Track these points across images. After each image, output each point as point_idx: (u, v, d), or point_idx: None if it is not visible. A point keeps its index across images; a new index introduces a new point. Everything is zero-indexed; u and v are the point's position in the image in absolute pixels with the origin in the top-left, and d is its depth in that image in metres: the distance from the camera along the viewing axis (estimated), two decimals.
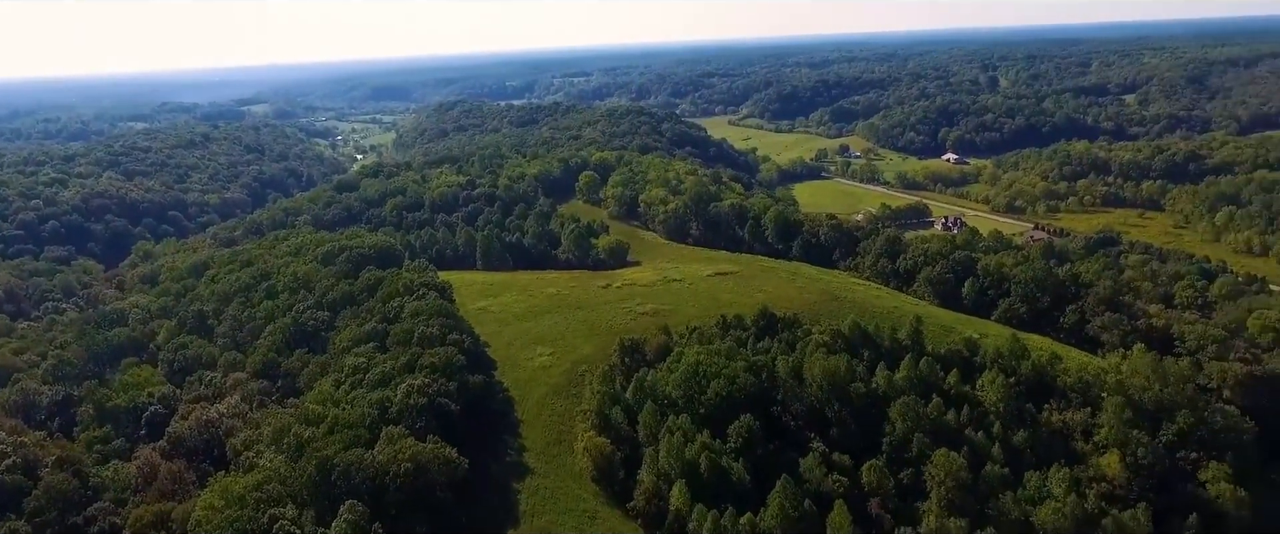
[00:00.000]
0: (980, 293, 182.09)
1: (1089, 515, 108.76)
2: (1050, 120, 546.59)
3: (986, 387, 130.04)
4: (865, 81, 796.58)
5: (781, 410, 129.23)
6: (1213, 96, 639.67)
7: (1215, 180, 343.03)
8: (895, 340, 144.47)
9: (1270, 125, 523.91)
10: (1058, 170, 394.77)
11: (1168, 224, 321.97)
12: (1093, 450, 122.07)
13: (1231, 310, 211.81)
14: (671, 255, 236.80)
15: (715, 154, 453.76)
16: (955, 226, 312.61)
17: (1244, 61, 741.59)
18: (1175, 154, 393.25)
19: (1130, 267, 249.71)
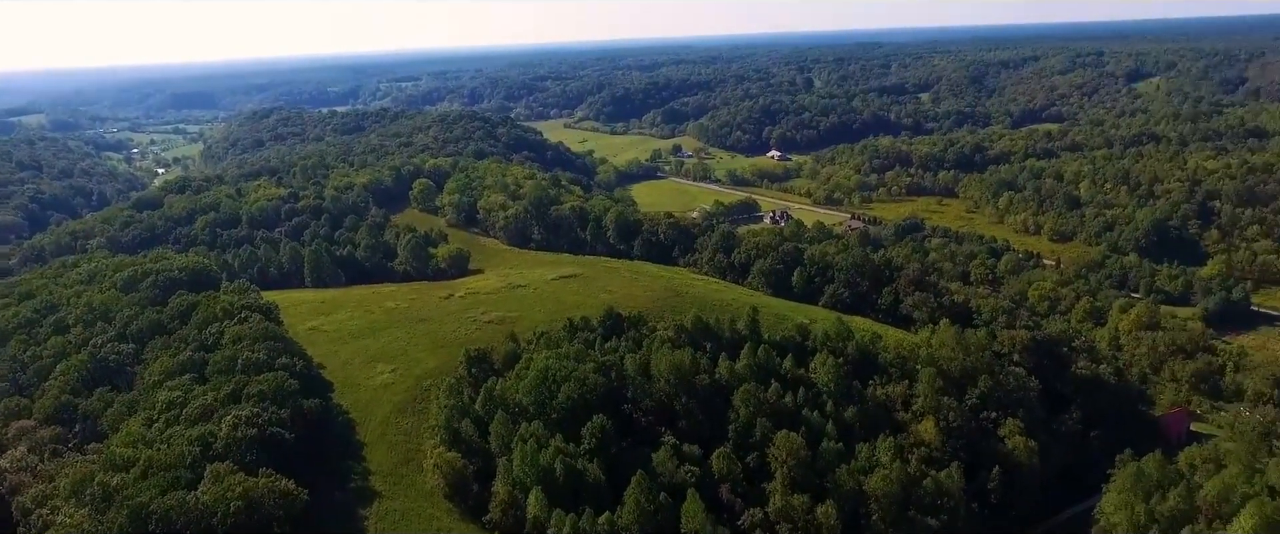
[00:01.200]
0: (808, 281, 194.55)
1: (912, 478, 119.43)
2: (859, 117, 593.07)
3: (819, 368, 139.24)
4: (693, 83, 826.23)
5: (632, 408, 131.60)
6: (990, 94, 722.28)
7: (996, 169, 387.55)
8: (734, 331, 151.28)
9: (1036, 119, 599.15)
10: (868, 164, 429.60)
11: (961, 209, 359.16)
12: (912, 418, 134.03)
13: (1015, 283, 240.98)
14: (514, 261, 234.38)
15: (553, 157, 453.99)
16: (782, 220, 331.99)
17: (1013, 64, 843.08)
18: (963, 147, 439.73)
19: (933, 249, 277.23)
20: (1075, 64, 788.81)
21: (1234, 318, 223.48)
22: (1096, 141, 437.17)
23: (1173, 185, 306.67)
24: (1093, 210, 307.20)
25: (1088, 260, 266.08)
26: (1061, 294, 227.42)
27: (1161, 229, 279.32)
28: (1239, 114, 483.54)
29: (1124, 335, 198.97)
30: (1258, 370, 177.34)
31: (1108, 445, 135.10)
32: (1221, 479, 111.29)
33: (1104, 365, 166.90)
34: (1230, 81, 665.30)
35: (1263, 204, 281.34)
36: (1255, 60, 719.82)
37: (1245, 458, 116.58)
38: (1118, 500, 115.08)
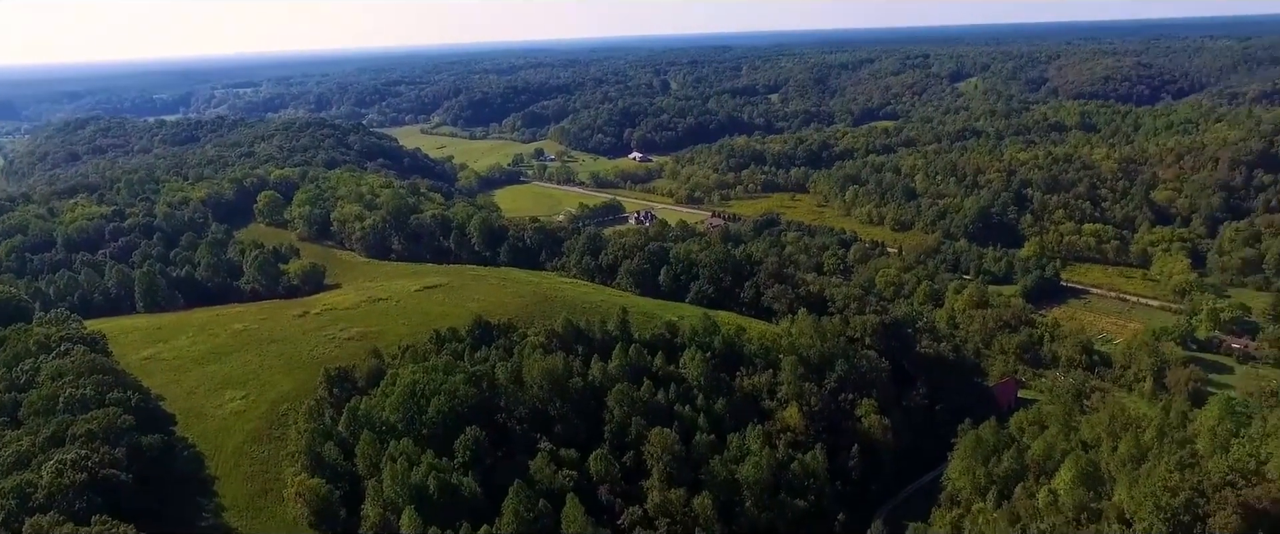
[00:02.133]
0: (675, 279, 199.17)
1: (780, 463, 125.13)
2: (715, 118, 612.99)
3: (688, 364, 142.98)
4: (553, 87, 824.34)
5: (506, 417, 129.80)
6: (833, 94, 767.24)
7: (842, 165, 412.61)
8: (605, 332, 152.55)
9: (874, 117, 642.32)
10: (725, 163, 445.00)
11: (813, 204, 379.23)
12: (777, 406, 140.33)
13: (864, 271, 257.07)
14: (374, 273, 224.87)
15: (411, 164, 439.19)
16: (647, 220, 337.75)
17: (851, 66, 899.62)
18: (811, 144, 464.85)
19: (789, 243, 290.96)
20: (906, 66, 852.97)
21: (1048, 293, 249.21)
22: (927, 137, 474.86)
23: (993, 176, 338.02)
24: (927, 201, 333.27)
25: (925, 247, 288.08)
26: (904, 279, 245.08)
27: (985, 216, 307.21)
28: (1042, 110, 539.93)
29: (959, 314, 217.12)
30: (1068, 339, 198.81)
31: (950, 417, 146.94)
32: (1044, 439, 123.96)
33: (944, 343, 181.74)
34: (1034, 81, 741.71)
35: (1065, 190, 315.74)
36: (1053, 62, 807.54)
37: (1062, 418, 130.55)
38: (961, 466, 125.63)
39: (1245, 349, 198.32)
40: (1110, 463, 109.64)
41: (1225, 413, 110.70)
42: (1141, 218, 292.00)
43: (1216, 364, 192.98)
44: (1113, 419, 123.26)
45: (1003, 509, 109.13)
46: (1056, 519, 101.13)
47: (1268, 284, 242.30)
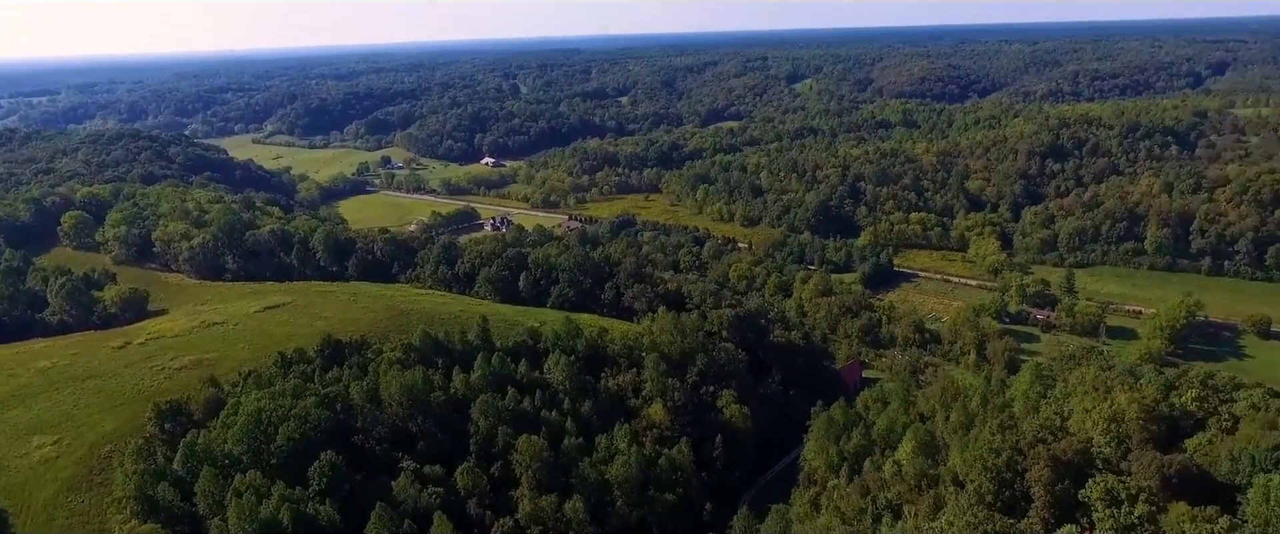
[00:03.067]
0: (535, 284, 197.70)
1: (648, 460, 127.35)
2: (567, 122, 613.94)
3: (552, 368, 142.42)
4: (397, 92, 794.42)
5: (364, 438, 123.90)
6: (680, 96, 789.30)
7: (692, 164, 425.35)
8: (466, 343, 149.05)
9: (720, 118, 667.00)
10: (579, 165, 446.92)
11: (666, 203, 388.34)
12: (642, 404, 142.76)
13: (718, 267, 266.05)
14: (207, 296, 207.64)
15: (243, 177, 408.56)
16: (503, 226, 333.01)
17: (696, 68, 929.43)
18: (662, 145, 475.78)
19: (646, 243, 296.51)
20: (746, 68, 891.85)
21: (884, 278, 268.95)
22: (769, 136, 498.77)
23: (830, 171, 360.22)
24: (773, 196, 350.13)
25: (773, 241, 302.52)
26: (756, 273, 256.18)
27: (825, 209, 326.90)
28: (870, 109, 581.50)
29: (806, 303, 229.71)
30: (903, 320, 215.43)
31: (804, 401, 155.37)
32: (887, 415, 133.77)
33: (794, 332, 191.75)
34: (862, 82, 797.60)
35: (893, 182, 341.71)
36: (877, 64, 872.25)
37: (902, 394, 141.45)
38: (815, 447, 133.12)
39: (1047, 320, 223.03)
40: (944, 431, 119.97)
41: (1034, 378, 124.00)
42: (958, 206, 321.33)
43: (1026, 334, 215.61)
44: (944, 391, 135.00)
45: (855, 483, 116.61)
46: (901, 488, 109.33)
47: (1062, 261, 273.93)
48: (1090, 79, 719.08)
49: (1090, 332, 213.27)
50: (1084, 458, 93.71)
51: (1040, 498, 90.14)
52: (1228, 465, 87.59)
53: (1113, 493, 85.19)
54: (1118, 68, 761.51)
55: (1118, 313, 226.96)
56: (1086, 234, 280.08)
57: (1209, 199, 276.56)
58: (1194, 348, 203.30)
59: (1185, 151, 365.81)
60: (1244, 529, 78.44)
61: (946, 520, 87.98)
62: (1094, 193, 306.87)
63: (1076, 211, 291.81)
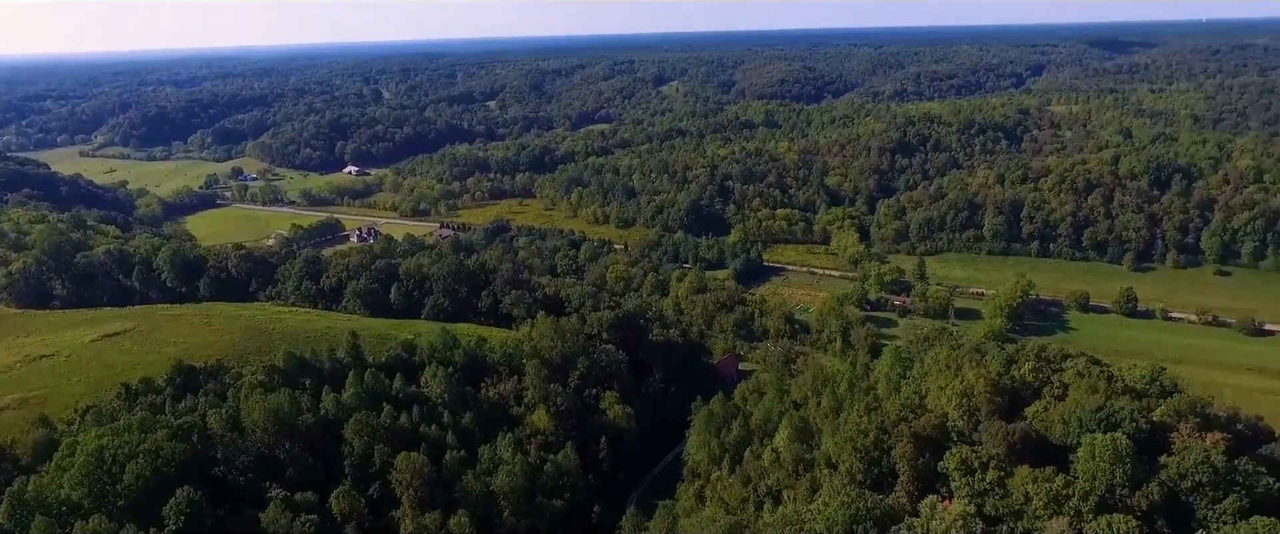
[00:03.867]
0: (407, 295, 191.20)
1: (534, 467, 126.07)
2: (434, 127, 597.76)
3: (430, 381, 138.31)
4: (247, 99, 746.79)
5: (226, 469, 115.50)
6: (550, 100, 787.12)
7: (565, 168, 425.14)
8: (335, 361, 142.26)
9: (590, 121, 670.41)
10: (449, 172, 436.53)
11: (540, 208, 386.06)
12: (525, 411, 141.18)
13: (595, 269, 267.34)
14: (31, 326, 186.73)
15: (70, 194, 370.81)
16: (370, 237, 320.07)
17: (565, 72, 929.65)
18: (534, 149, 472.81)
19: (522, 248, 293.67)
20: (614, 71, 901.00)
21: (755, 273, 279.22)
22: (640, 138, 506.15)
23: (699, 171, 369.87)
24: (646, 197, 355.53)
25: (648, 241, 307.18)
26: (633, 273, 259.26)
27: (696, 208, 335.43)
28: (734, 110, 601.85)
29: (683, 301, 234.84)
30: (774, 313, 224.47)
31: (684, 397, 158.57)
32: (764, 405, 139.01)
33: (673, 330, 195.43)
34: (725, 84, 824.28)
35: (759, 180, 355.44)
36: (739, 67, 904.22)
37: (776, 384, 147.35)
38: (697, 441, 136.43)
39: (904, 305, 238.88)
40: (816, 417, 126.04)
41: (895, 360, 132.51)
42: (820, 201, 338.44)
43: (886, 320, 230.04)
44: (815, 378, 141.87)
45: (737, 473, 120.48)
46: (780, 474, 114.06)
47: (914, 249, 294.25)
48: (930, 80, 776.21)
49: (941, 314, 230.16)
50: (941, 432, 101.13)
51: (905, 472, 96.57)
52: (1060, 428, 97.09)
53: (967, 462, 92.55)
54: (953, 69, 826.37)
55: (964, 295, 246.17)
56: (934, 223, 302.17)
57: (1035, 188, 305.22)
58: (1029, 324, 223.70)
59: (1013, 145, 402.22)
60: (1076, 484, 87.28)
61: (823, 501, 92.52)
62: (938, 185, 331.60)
63: (924, 203, 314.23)
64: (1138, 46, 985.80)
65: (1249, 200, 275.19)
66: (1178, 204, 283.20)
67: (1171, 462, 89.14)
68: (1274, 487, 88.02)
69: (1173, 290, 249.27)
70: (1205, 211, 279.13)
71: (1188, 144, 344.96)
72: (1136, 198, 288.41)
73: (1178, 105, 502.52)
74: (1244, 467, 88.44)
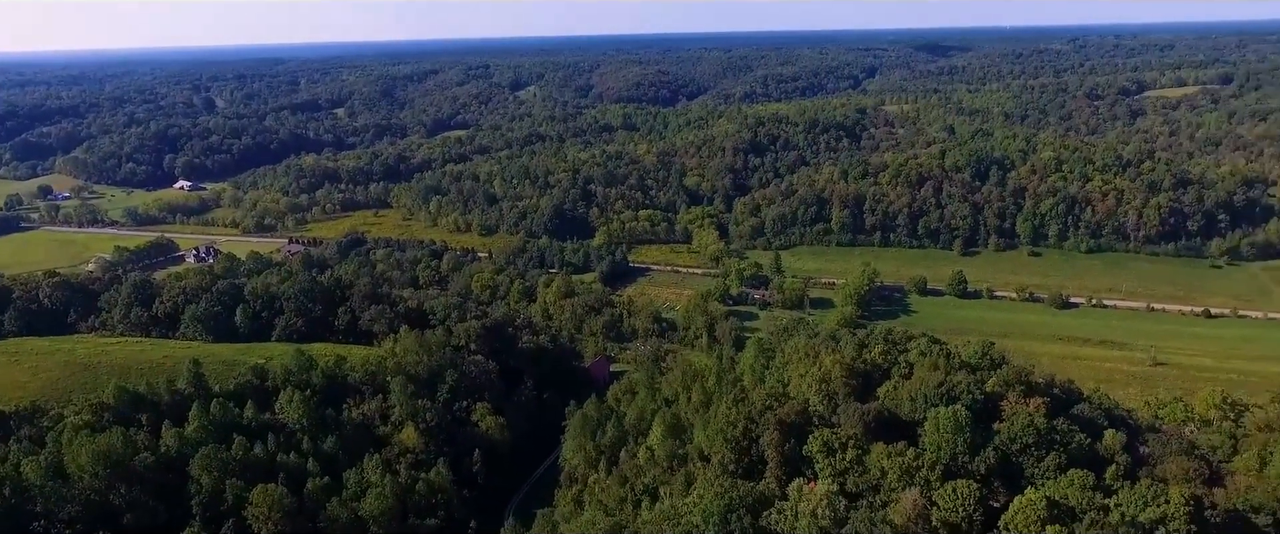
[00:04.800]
0: (255, 317, 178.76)
1: (404, 487, 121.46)
2: (276, 137, 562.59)
3: (285, 407, 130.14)
4: (54, 109, 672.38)
5: (47, 523, 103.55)
6: (402, 107, 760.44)
7: (422, 176, 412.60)
8: (175, 392, 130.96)
9: (447, 127, 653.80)
10: (296, 184, 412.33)
11: (398, 218, 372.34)
12: (392, 430, 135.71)
13: (460, 279, 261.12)
14: None
15: None
16: (209, 256, 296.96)
17: (417, 77, 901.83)
18: (388, 158, 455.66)
19: (380, 261, 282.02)
20: (469, 77, 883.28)
21: (621, 275, 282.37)
22: (499, 144, 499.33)
23: (561, 175, 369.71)
24: (508, 204, 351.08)
25: (513, 248, 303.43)
26: (498, 281, 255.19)
27: (560, 212, 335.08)
28: (593, 114, 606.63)
29: (551, 306, 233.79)
30: (642, 313, 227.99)
31: (558, 402, 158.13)
32: (637, 404, 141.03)
33: (542, 335, 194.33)
34: (583, 88, 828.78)
35: (620, 183, 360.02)
36: (595, 71, 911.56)
37: (648, 383, 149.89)
38: (573, 445, 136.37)
39: (763, 298, 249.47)
40: (688, 412, 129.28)
41: (758, 352, 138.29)
42: (680, 201, 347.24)
43: (748, 313, 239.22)
44: (684, 374, 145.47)
45: (614, 475, 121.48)
46: (656, 471, 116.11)
47: (770, 245, 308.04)
48: (777, 82, 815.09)
49: (798, 305, 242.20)
50: (804, 417, 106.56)
51: (773, 458, 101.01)
52: (909, 405, 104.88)
53: (828, 444, 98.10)
54: (797, 72, 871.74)
55: (817, 286, 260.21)
56: (787, 219, 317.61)
57: (874, 183, 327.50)
58: (876, 309, 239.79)
59: (854, 143, 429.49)
60: (924, 455, 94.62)
61: (697, 494, 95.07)
62: (789, 182, 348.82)
63: (777, 200, 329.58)
64: (955, 51, 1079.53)
65: (1052, 188, 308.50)
66: (995, 193, 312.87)
67: (1003, 427, 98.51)
68: (1086, 442, 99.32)
69: (995, 271, 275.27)
70: (1018, 199, 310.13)
71: (1001, 139, 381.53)
72: (961, 189, 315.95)
73: (991, 103, 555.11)
74: (1061, 426, 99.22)
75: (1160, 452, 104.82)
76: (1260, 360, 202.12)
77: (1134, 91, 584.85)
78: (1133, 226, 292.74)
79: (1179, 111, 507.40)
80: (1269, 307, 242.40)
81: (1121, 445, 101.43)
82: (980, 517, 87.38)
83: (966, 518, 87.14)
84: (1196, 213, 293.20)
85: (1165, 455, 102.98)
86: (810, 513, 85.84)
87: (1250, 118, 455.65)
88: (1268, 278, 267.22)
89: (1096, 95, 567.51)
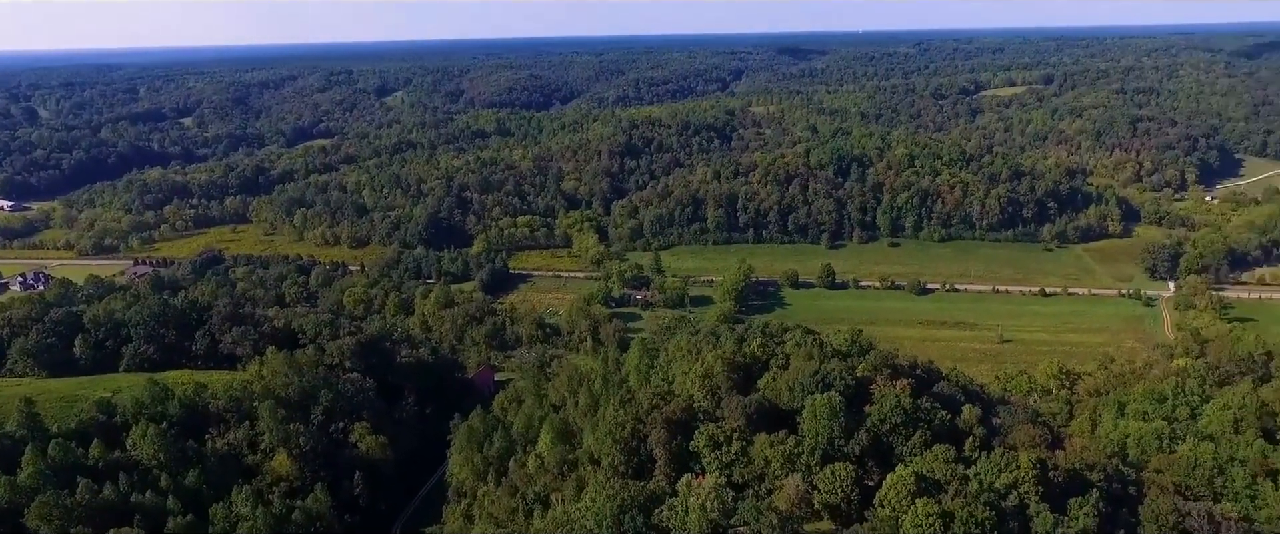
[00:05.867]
0: (98, 347, 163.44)
1: (279, 517, 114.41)
2: (114, 150, 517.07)
3: (138, 442, 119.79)
4: None
5: None
6: (258, 115, 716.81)
7: (284, 188, 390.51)
8: (5, 435, 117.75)
9: (309, 136, 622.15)
10: (140, 201, 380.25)
11: (259, 233, 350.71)
12: (263, 458, 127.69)
13: (330, 295, 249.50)
14: None
15: None
16: (39, 282, 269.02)
17: (273, 84, 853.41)
18: (245, 170, 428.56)
19: (241, 279, 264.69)
20: (331, 82, 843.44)
21: (502, 282, 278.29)
22: (367, 152, 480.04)
23: (434, 183, 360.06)
24: (379, 214, 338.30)
25: (386, 259, 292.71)
26: (373, 295, 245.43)
27: (435, 221, 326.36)
28: (465, 120, 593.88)
29: (430, 318, 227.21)
30: (525, 319, 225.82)
31: (442, 416, 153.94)
32: (524, 412, 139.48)
33: (422, 348, 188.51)
34: (453, 93, 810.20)
35: (497, 189, 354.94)
36: (466, 75, 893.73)
37: (534, 390, 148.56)
38: (460, 459, 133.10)
39: (646, 298, 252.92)
40: (576, 416, 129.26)
41: (642, 352, 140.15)
42: (558, 205, 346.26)
43: (631, 314, 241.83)
44: (570, 379, 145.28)
45: (503, 485, 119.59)
46: (546, 478, 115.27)
47: (649, 245, 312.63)
48: (648, 85, 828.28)
49: (679, 303, 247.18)
50: (689, 413, 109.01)
51: (661, 456, 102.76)
52: (787, 395, 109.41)
53: (714, 438, 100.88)
54: (667, 75, 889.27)
55: (697, 284, 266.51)
56: (665, 220, 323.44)
57: (746, 182, 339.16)
58: (753, 304, 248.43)
59: (724, 144, 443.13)
60: (804, 442, 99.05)
61: (589, 498, 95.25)
62: (665, 184, 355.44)
63: (654, 201, 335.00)
64: (814, 54, 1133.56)
65: (907, 182, 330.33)
66: (857, 189, 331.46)
67: (873, 410, 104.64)
68: (947, 418, 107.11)
69: (860, 262, 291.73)
70: (877, 194, 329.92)
71: (859, 137, 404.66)
72: (826, 185, 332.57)
73: (849, 104, 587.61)
74: (925, 405, 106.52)
75: (1010, 422, 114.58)
76: (1088, 333, 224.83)
77: (973, 91, 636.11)
78: (977, 216, 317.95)
79: (1011, 109, 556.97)
80: (1093, 283, 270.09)
81: (977, 419, 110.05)
82: (857, 496, 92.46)
83: (845, 498, 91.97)
84: (1030, 201, 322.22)
85: (1014, 425, 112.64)
86: (700, 507, 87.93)
87: (1069, 114, 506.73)
88: (1090, 258, 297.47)
89: (941, 95, 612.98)
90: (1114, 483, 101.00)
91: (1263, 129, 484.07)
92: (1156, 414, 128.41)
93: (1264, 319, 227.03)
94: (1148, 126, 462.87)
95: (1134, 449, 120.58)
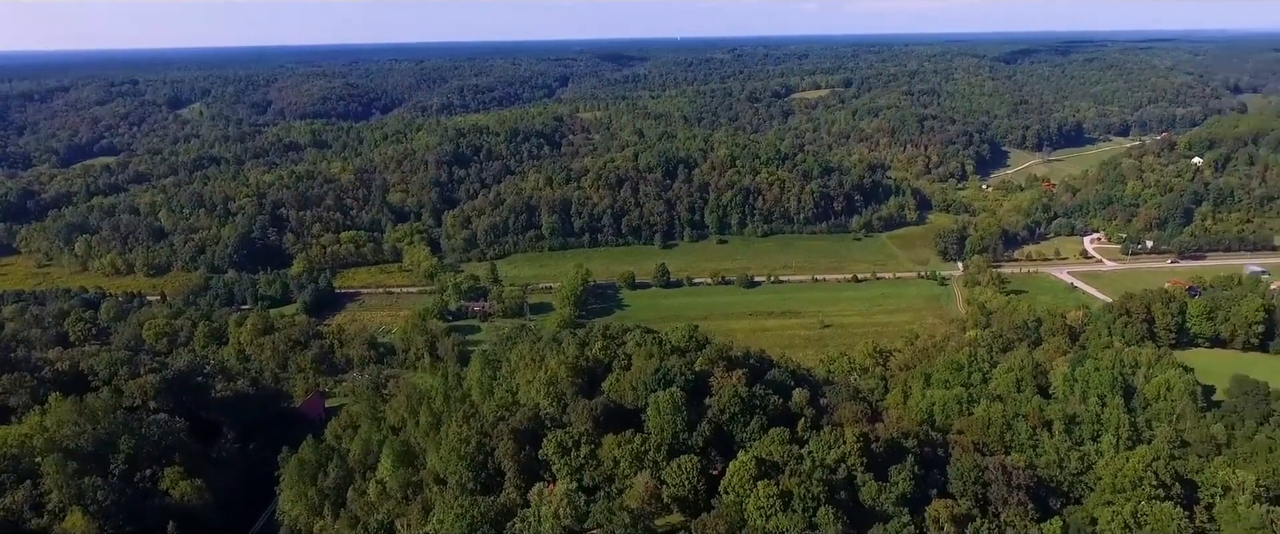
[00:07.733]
0: None
1: None
2: None
3: None
4: None
5: None
6: (23, 132, 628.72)
7: (60, 213, 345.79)
8: None
9: (89, 154, 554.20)
10: None
11: (31, 265, 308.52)
12: (52, 520, 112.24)
13: (126, 329, 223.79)
14: None
15: None
16: None
17: (39, 96, 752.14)
18: (9, 194, 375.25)
19: (11, 318, 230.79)
20: (113, 94, 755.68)
21: (327, 303, 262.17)
22: (162, 170, 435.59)
23: (244, 201, 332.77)
24: (180, 237, 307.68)
25: (192, 286, 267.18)
26: (178, 326, 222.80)
27: (247, 242, 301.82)
28: (275, 132, 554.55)
29: (248, 346, 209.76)
30: (355, 340, 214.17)
31: (268, 450, 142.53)
32: (360, 438, 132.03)
33: (240, 380, 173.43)
34: (260, 104, 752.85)
35: (316, 205, 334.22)
36: (273, 85, 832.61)
37: (370, 413, 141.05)
38: (291, 494, 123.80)
39: (484, 309, 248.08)
40: (418, 437, 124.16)
41: (484, 365, 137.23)
42: (385, 219, 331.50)
43: (469, 327, 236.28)
44: (409, 399, 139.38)
45: (342, 517, 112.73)
46: (390, 505, 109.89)
47: (484, 255, 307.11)
48: (473, 93, 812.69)
49: (518, 312, 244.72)
50: (536, 422, 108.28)
51: (510, 468, 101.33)
52: (631, 394, 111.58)
53: (562, 444, 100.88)
54: (492, 82, 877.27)
55: (536, 291, 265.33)
56: (499, 228, 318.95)
57: (578, 187, 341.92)
58: (592, 307, 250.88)
59: (554, 150, 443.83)
60: (650, 439, 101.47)
61: (437, 519, 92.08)
62: (497, 192, 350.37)
63: (487, 210, 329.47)
64: (636, 60, 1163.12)
65: (730, 181, 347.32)
66: (684, 190, 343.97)
67: (713, 401, 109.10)
68: (780, 403, 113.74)
69: (692, 260, 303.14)
70: (703, 194, 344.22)
71: (684, 139, 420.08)
72: (655, 187, 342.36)
73: (672, 108, 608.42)
74: (759, 392, 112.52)
75: (835, 400, 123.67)
76: (896, 313, 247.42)
77: (783, 94, 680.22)
78: (795, 211, 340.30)
79: (818, 110, 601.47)
80: (897, 268, 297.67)
81: (807, 400, 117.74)
82: (703, 486, 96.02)
83: (692, 490, 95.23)
84: (839, 195, 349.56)
85: (838, 403, 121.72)
86: (552, 514, 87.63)
87: (867, 114, 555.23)
88: (893, 245, 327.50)
89: (755, 98, 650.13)
90: (925, 447, 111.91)
91: (1022, 125, 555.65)
92: (956, 381, 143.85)
93: (1033, 290, 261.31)
94: (932, 124, 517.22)
95: (940, 415, 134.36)
